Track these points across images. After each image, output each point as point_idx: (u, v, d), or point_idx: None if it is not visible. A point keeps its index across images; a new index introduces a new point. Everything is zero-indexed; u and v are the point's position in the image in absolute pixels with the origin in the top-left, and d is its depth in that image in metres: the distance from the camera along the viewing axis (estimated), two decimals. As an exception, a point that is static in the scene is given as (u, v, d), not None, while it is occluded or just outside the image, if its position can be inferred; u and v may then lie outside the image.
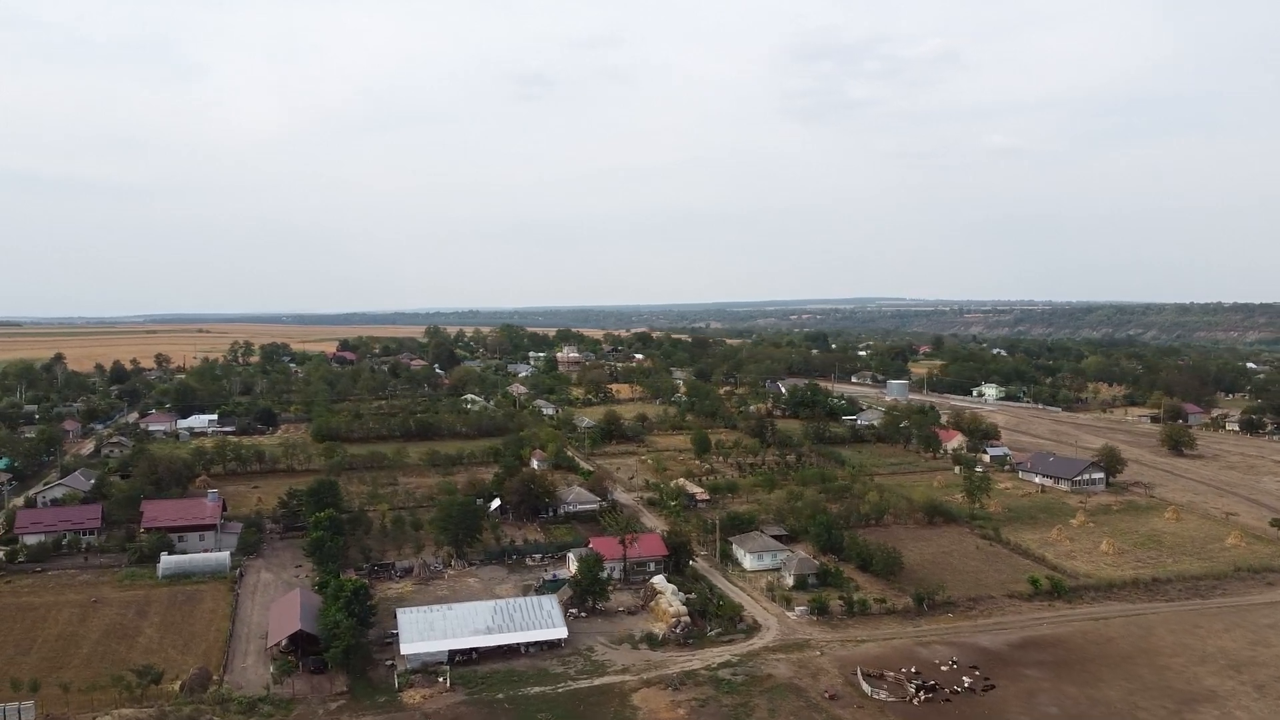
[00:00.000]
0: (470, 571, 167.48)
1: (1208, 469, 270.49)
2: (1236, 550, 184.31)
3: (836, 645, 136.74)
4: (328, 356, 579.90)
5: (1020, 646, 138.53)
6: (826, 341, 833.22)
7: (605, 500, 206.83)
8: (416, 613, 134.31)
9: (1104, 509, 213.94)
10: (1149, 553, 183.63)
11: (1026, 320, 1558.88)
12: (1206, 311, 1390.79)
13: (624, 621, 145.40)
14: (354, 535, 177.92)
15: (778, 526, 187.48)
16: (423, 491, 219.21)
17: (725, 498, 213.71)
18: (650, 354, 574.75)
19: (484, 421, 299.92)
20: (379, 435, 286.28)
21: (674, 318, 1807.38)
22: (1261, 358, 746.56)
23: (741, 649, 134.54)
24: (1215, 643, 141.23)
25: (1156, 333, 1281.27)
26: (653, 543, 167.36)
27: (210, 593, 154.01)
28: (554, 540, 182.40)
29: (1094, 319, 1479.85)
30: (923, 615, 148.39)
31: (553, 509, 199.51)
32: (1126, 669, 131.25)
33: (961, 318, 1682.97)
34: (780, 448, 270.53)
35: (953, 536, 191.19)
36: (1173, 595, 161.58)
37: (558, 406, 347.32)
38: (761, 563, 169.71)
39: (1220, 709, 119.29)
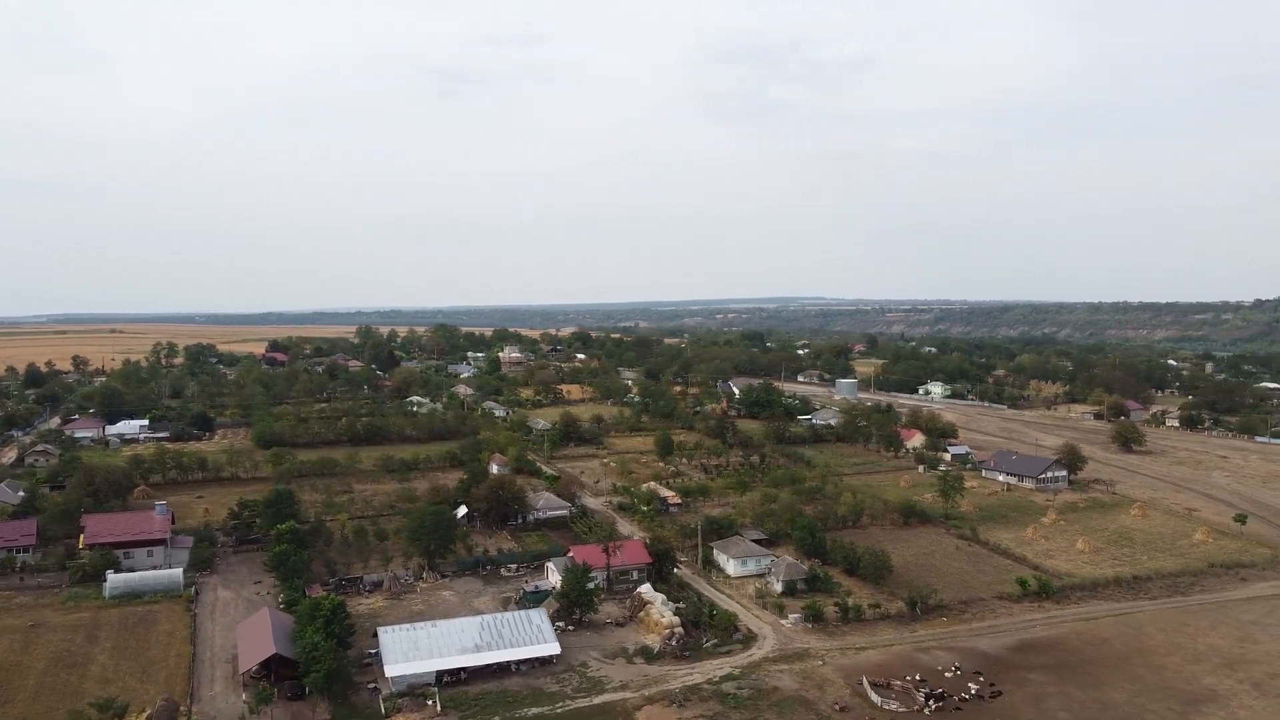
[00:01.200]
0: (444, 584, 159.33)
1: (1158, 465, 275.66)
2: (1205, 546, 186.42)
3: (837, 654, 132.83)
4: (257, 358, 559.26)
5: (1019, 650, 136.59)
6: (763, 340, 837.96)
7: (575, 506, 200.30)
8: (399, 631, 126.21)
9: (1071, 507, 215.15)
10: (1123, 550, 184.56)
11: (946, 319, 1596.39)
12: (1116, 310, 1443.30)
13: (614, 634, 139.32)
14: (314, 547, 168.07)
15: (756, 530, 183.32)
16: (381, 499, 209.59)
17: (697, 501, 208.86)
18: (593, 354, 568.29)
19: (435, 425, 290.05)
20: (326, 440, 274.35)
21: (600, 317, 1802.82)
22: (1179, 355, 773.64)
23: (741, 660, 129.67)
24: (1205, 640, 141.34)
25: (1070, 331, 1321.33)
26: (635, 550, 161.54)
27: (165, 613, 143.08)
28: (528, 549, 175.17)
29: (1010, 318, 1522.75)
30: (917, 620, 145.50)
31: (522, 516, 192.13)
32: (1125, 670, 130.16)
33: (883, 316, 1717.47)
34: (743, 448, 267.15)
35: (931, 537, 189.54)
36: (1155, 593, 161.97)
37: (508, 408, 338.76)
38: (745, 568, 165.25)
39: (1224, 708, 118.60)
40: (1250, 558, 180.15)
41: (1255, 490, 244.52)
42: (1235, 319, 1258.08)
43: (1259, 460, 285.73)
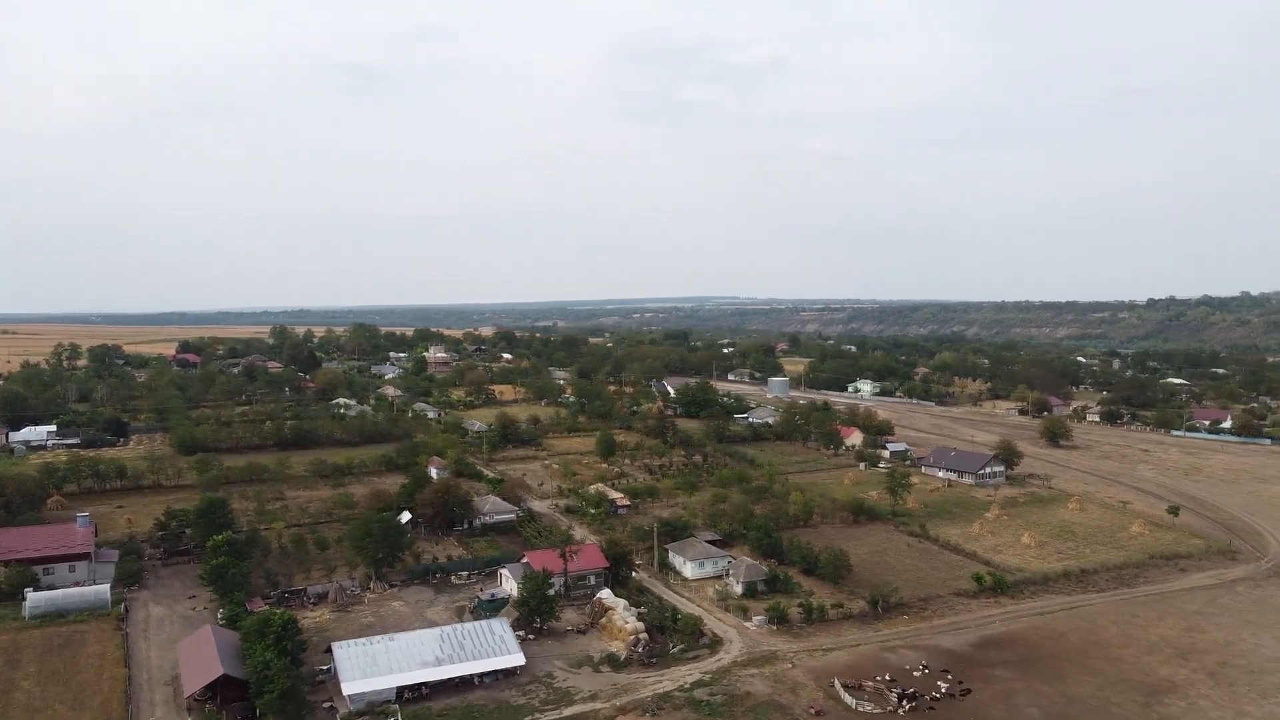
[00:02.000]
0: (392, 594, 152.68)
1: (1086, 459, 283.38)
2: (1143, 538, 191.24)
3: (805, 655, 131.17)
4: (168, 359, 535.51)
5: (981, 646, 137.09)
6: (687, 339, 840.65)
7: (522, 509, 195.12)
8: (355, 646, 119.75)
9: (1012, 502, 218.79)
10: (1066, 544, 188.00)
11: (859, 318, 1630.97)
12: (1020, 309, 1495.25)
13: (576, 642, 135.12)
14: (251, 559, 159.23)
15: (710, 531, 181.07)
16: (316, 506, 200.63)
17: (645, 502, 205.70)
18: (519, 354, 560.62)
19: (366, 427, 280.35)
20: (251, 444, 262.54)
21: (516, 316, 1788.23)
22: (1086, 352, 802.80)
23: (710, 666, 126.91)
24: (1155, 632, 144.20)
25: (978, 329, 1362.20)
26: (592, 554, 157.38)
27: (94, 634, 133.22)
28: (478, 555, 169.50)
29: (920, 316, 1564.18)
30: (880, 619, 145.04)
31: (468, 521, 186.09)
32: (1085, 663, 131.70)
33: (797, 315, 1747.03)
34: (685, 448, 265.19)
35: (881, 535, 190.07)
36: (1102, 586, 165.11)
37: (440, 410, 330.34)
38: (703, 570, 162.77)
39: (1184, 699, 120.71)
40: (1186, 549, 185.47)
41: (1179, 482, 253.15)
42: (1131, 317, 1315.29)
43: (1178, 453, 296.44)
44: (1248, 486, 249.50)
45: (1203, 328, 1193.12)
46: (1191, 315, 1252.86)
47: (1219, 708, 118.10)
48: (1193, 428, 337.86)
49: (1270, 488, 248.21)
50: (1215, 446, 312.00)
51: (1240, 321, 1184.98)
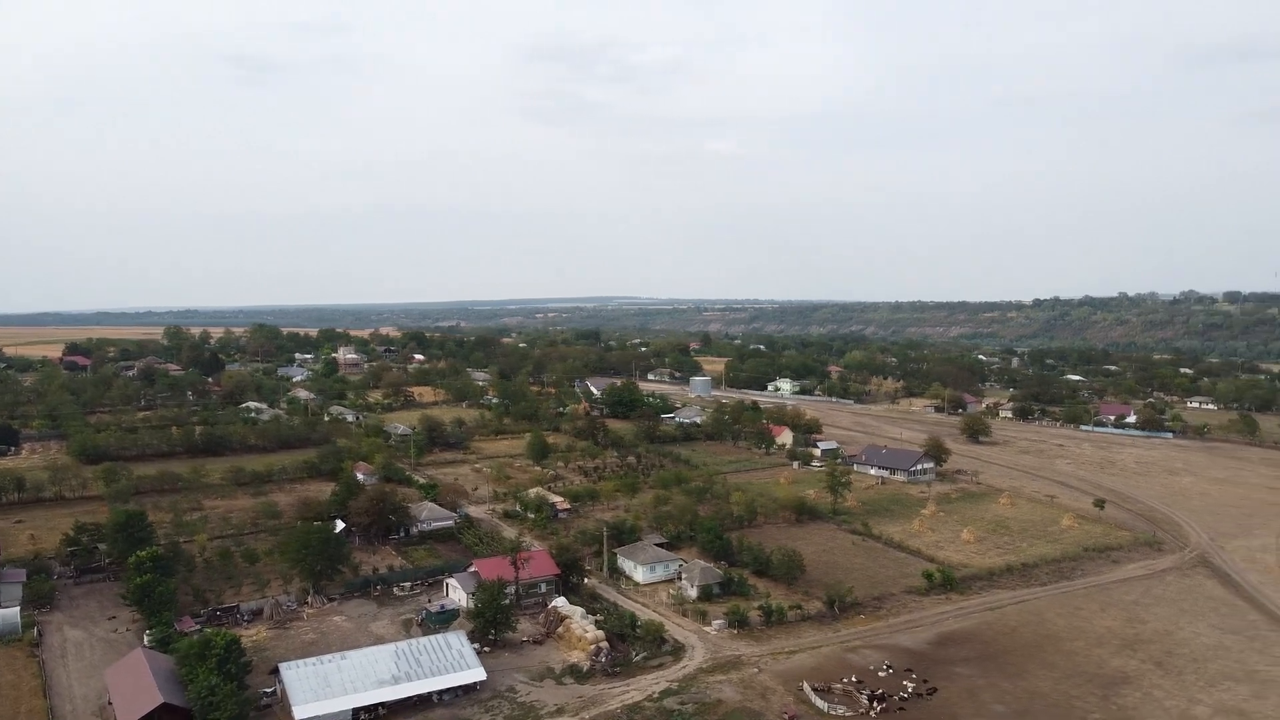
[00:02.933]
0: (333, 608, 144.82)
1: (1007, 454, 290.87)
2: (1074, 531, 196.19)
3: (769, 659, 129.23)
4: (55, 361, 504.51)
5: (940, 644, 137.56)
6: (599, 339, 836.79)
7: (459, 516, 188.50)
8: (305, 666, 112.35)
9: (945, 498, 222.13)
10: (1003, 538, 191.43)
11: (760, 318, 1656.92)
12: (915, 309, 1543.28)
13: (533, 653, 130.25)
14: (176, 575, 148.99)
15: (657, 534, 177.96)
16: (239, 516, 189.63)
17: (586, 505, 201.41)
18: (432, 354, 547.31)
19: (283, 433, 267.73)
20: (160, 452, 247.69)
21: (417, 316, 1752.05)
22: (985, 350, 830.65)
23: (675, 673, 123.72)
24: (1100, 623, 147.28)
25: (875, 328, 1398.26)
26: (542, 561, 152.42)
27: (4, 661, 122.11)
28: (419, 565, 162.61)
29: (820, 316, 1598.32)
30: (838, 619, 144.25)
31: (405, 529, 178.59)
32: (1040, 657, 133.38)
33: (700, 315, 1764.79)
34: (616, 450, 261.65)
35: (825, 534, 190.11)
36: (1044, 579, 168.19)
37: (358, 413, 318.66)
38: (654, 574, 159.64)
39: (1138, 689, 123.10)
40: (1115, 541, 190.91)
41: (1097, 475, 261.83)
42: (1019, 317, 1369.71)
43: (1091, 448, 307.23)
44: (1159, 479, 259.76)
45: (1085, 326, 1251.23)
46: (1075, 315, 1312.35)
47: (1172, 697, 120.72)
48: (1100, 423, 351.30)
49: (1179, 480, 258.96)
50: (1123, 441, 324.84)
51: (1120, 321, 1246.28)
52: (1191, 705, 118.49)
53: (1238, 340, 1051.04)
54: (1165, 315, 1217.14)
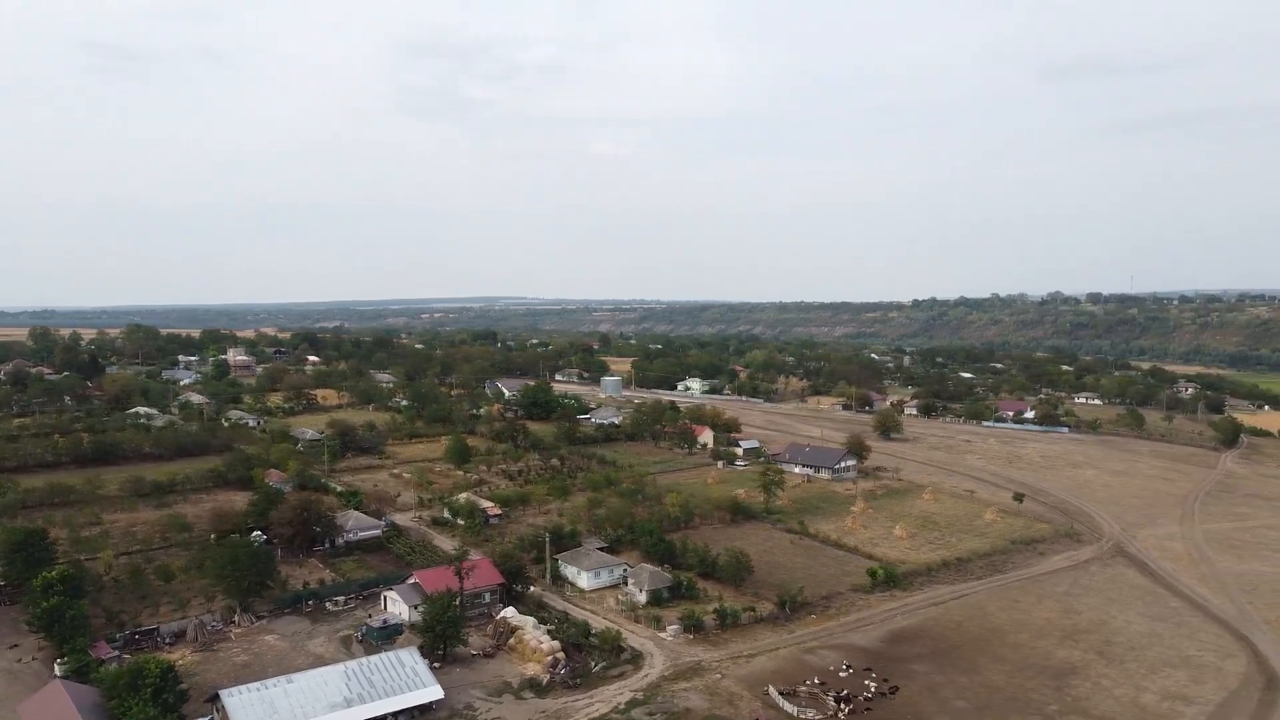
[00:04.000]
0: (263, 627, 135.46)
1: (919, 451, 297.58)
2: (998, 525, 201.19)
3: (729, 664, 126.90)
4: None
5: (892, 641, 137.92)
6: (496, 339, 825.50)
7: (385, 524, 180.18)
8: (249, 693, 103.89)
9: (871, 495, 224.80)
10: (934, 534, 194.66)
11: (650, 318, 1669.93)
12: (801, 309, 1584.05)
13: (486, 667, 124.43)
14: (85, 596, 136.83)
15: (596, 539, 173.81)
16: (143, 530, 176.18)
17: (517, 510, 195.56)
18: (328, 355, 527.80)
19: (181, 439, 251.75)
20: (44, 462, 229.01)
21: (296, 317, 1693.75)
22: (875, 349, 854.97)
23: (638, 683, 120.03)
24: (1039, 615, 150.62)
25: (763, 328, 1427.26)
26: (485, 570, 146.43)
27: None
28: (351, 577, 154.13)
29: (709, 316, 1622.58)
30: (790, 620, 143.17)
31: (331, 540, 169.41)
32: (990, 651, 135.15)
33: (590, 315, 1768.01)
34: (538, 452, 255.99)
35: (762, 534, 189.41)
36: (978, 573, 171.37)
37: (258, 417, 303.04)
38: (599, 580, 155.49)
39: (1086, 679, 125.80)
40: (1037, 533, 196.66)
41: (1006, 470, 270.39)
42: (900, 317, 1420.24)
43: (996, 443, 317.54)
44: (1064, 472, 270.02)
45: (962, 326, 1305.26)
46: (952, 315, 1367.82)
47: (1120, 686, 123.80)
48: (1000, 419, 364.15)
49: (1082, 472, 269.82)
50: (1024, 436, 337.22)
51: (994, 320, 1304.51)
52: (1139, 693, 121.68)
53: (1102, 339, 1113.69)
54: (1035, 315, 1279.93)
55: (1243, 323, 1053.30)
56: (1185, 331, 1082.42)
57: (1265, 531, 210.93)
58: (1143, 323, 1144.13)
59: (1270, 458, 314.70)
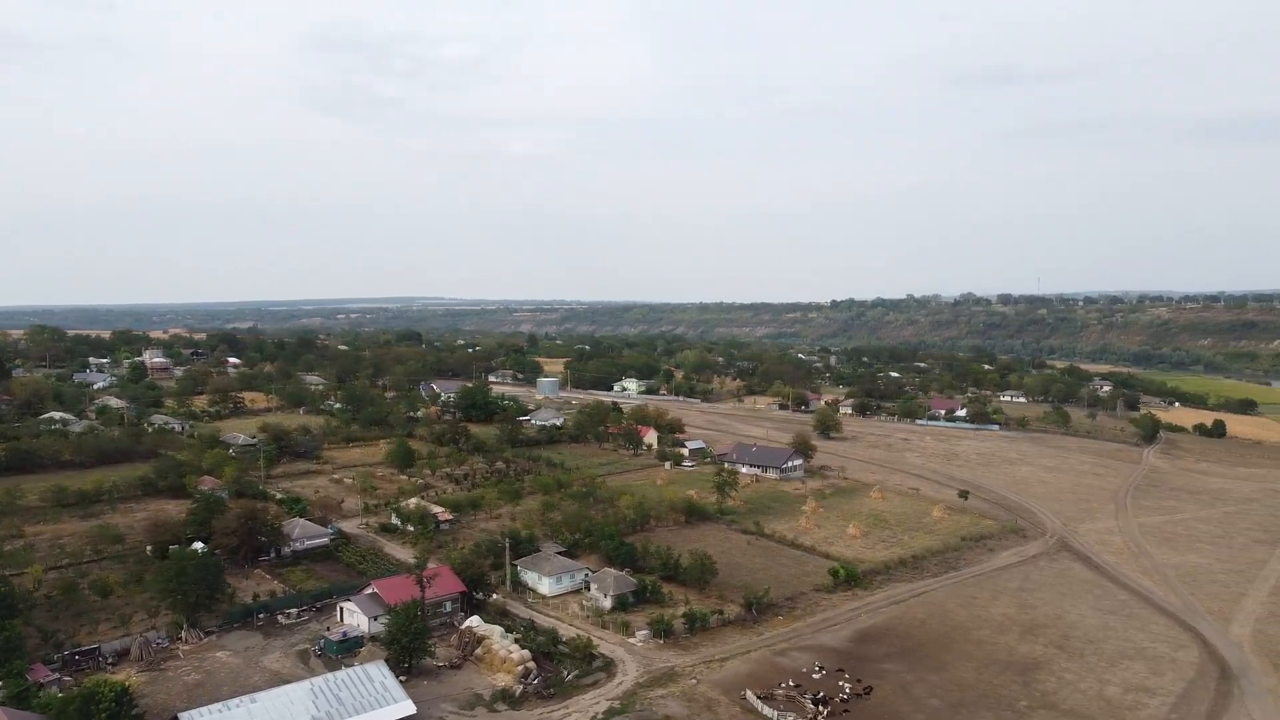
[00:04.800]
0: (213, 643, 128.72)
1: (859, 449, 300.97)
2: (946, 522, 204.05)
3: (703, 669, 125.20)
4: None
5: (860, 641, 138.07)
6: (421, 339, 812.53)
7: (332, 532, 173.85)
8: (210, 714, 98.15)
9: (819, 494, 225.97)
10: (885, 532, 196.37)
11: (572, 318, 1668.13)
12: (722, 310, 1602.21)
13: (454, 679, 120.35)
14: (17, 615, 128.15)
15: (554, 543, 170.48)
16: (72, 544, 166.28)
17: (469, 515, 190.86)
18: (249, 357, 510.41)
19: (104, 446, 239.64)
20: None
21: (204, 317, 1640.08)
22: (800, 349, 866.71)
23: (613, 691, 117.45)
24: (996, 611, 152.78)
25: (685, 328, 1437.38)
26: (447, 578, 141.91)
27: None
28: (302, 588, 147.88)
29: (631, 316, 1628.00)
30: (758, 622, 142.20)
31: (277, 549, 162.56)
32: (955, 648, 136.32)
33: (511, 316, 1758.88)
34: (482, 454, 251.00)
35: (718, 535, 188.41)
36: (934, 570, 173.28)
37: (183, 422, 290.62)
38: (561, 585, 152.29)
39: (1050, 674, 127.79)
40: (985, 530, 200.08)
41: (946, 467, 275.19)
42: (819, 317, 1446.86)
43: (933, 441, 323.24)
44: (1001, 469, 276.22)
45: (880, 326, 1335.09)
46: (870, 315, 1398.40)
47: (1084, 679, 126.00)
48: (933, 417, 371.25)
49: (1019, 469, 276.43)
50: (958, 434, 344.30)
51: (910, 320, 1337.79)
52: (1103, 686, 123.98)
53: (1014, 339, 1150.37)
54: (950, 316, 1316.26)
55: (1145, 323, 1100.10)
56: (1092, 331, 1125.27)
57: (1195, 524, 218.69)
58: (1052, 323, 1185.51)
59: (1188, 453, 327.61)
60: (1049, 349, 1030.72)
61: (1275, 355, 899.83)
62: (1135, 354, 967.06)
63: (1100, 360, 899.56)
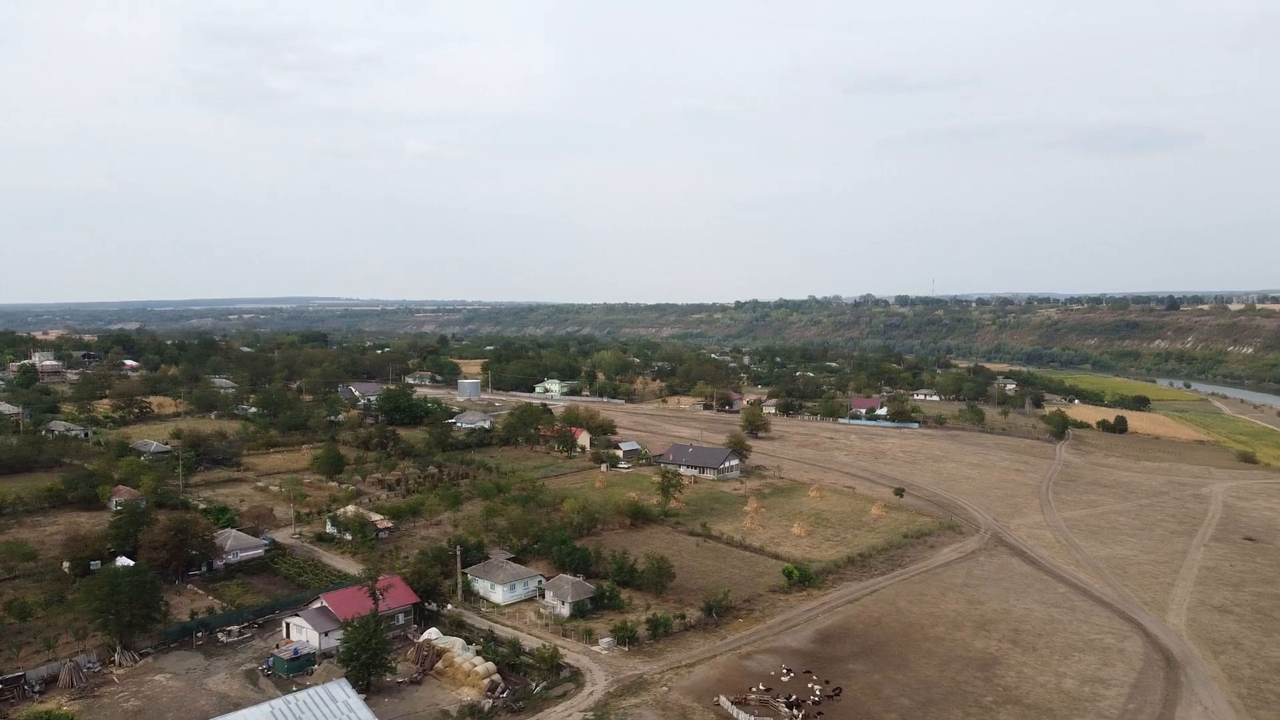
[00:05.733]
0: (150, 665, 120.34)
1: (788, 449, 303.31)
2: (885, 520, 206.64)
3: (671, 675, 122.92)
4: None
5: (822, 641, 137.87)
6: (326, 340, 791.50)
7: (266, 542, 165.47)
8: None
9: (759, 494, 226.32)
10: (829, 530, 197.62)
11: (476, 319, 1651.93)
12: (628, 311, 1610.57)
13: (416, 695, 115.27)
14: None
15: (499, 549, 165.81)
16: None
17: (408, 522, 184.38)
18: (147, 360, 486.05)
19: (2, 455, 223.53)
20: None
21: (85, 318, 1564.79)
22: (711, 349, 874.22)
23: (584, 702, 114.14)
24: (947, 608, 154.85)
25: (591, 329, 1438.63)
26: (399, 589, 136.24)
27: None
28: (240, 603, 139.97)
29: (536, 317, 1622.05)
30: (720, 625, 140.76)
31: (209, 562, 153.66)
32: (914, 646, 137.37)
33: (413, 316, 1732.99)
34: (412, 459, 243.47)
35: (665, 537, 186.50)
36: (881, 568, 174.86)
37: (85, 428, 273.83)
38: (515, 594, 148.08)
39: (1009, 669, 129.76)
40: (923, 527, 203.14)
41: (874, 465, 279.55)
42: (724, 318, 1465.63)
43: (858, 439, 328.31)
44: (927, 466, 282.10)
45: (784, 326, 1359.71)
46: (774, 316, 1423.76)
47: (1041, 673, 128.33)
48: (855, 416, 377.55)
49: (944, 465, 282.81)
50: (880, 432, 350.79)
51: (814, 321, 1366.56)
52: (1060, 679, 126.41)
53: (913, 339, 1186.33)
54: (851, 316, 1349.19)
55: (1036, 324, 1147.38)
56: (987, 332, 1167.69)
57: (1115, 517, 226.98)
58: (949, 324, 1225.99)
59: (1095, 448, 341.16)
60: (947, 348, 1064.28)
61: (1156, 354, 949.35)
62: (1028, 353, 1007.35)
63: (995, 359, 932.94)
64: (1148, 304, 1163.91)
